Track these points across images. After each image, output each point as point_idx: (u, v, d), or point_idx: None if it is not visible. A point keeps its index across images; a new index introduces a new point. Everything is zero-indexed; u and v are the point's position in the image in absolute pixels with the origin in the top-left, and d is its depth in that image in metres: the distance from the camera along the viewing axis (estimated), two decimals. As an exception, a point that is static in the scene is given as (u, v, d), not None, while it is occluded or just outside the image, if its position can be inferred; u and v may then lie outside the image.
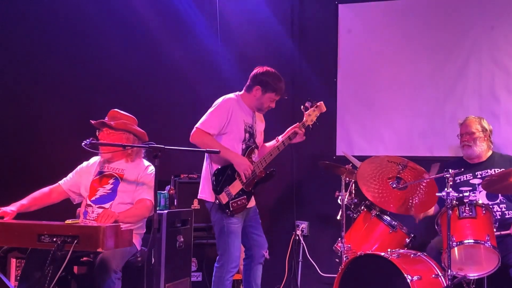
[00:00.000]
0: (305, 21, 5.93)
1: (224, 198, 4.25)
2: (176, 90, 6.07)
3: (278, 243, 5.73)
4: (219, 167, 4.31)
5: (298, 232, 5.71)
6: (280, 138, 4.56)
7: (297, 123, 4.53)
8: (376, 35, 5.70)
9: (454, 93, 5.43)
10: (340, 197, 4.76)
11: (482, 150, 4.84)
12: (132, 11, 6.16)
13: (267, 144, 4.63)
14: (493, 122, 4.96)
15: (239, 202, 4.31)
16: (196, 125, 4.30)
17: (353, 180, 4.87)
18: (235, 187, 4.31)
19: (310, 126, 4.53)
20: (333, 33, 5.79)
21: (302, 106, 4.54)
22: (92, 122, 4.25)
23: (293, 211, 5.81)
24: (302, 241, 5.71)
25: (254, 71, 4.49)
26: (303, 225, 5.75)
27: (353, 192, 4.91)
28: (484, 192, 4.69)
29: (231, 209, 4.26)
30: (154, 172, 4.08)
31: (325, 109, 4.59)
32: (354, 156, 5.21)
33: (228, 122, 4.32)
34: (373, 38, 5.71)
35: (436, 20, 5.48)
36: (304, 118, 4.51)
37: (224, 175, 4.29)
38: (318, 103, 4.55)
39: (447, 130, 5.24)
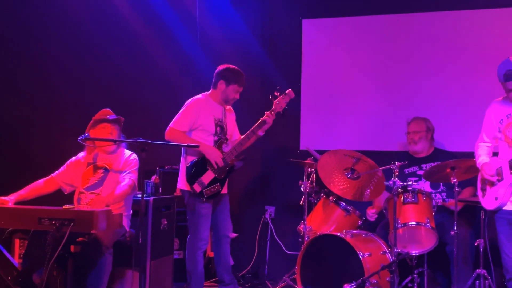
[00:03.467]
0: (273, 33, 5.92)
1: (197, 187, 4.28)
2: (161, 92, 6.01)
3: (249, 226, 5.76)
4: (193, 159, 4.33)
5: (267, 216, 5.72)
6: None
7: (267, 112, 4.45)
8: (336, 46, 5.72)
9: (402, 96, 5.49)
10: (303, 186, 4.79)
11: (425, 147, 4.93)
12: (122, 20, 6.03)
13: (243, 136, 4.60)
14: (434, 122, 5.02)
15: (212, 189, 4.32)
16: (169, 125, 4.34)
17: (314, 171, 4.91)
18: (208, 176, 4.32)
19: (281, 112, 4.46)
20: (297, 44, 5.79)
21: (270, 96, 4.47)
22: (110, 117, 4.27)
23: (262, 197, 5.85)
24: (270, 224, 5.71)
25: (217, 69, 4.51)
26: (271, 209, 5.76)
27: (314, 181, 4.95)
28: (428, 182, 4.79)
29: (205, 196, 4.29)
30: (136, 159, 4.22)
31: (293, 95, 4.50)
32: (315, 150, 5.22)
33: (197, 119, 4.33)
34: (333, 49, 5.73)
35: (390, 34, 5.54)
36: (273, 107, 4.44)
37: (196, 167, 4.32)
38: (287, 91, 4.46)
39: (396, 128, 5.27)
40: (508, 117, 3.71)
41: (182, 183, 4.39)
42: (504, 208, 3.71)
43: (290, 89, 4.48)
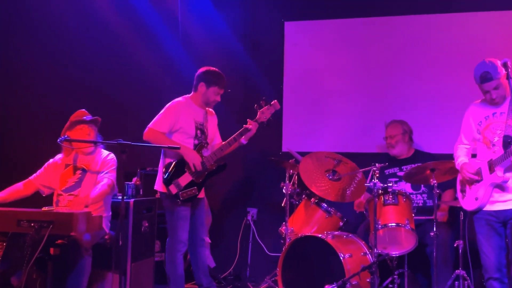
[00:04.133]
0: (256, 35, 5.94)
1: (173, 189, 4.24)
2: (143, 93, 5.99)
3: (231, 227, 5.77)
4: (171, 161, 4.31)
5: (249, 218, 5.73)
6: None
7: (250, 120, 4.43)
8: (318, 48, 5.75)
9: (383, 99, 5.54)
10: (284, 187, 4.80)
11: (403, 149, 4.96)
12: (103, 21, 6.03)
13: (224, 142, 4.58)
14: (411, 124, 5.07)
15: (189, 192, 4.28)
16: (149, 125, 4.29)
17: (296, 173, 4.91)
18: (185, 179, 4.28)
19: (265, 122, 4.45)
20: (280, 46, 5.81)
21: (256, 105, 4.46)
22: (87, 118, 4.25)
23: (244, 199, 5.85)
24: (252, 225, 5.72)
25: (198, 72, 4.49)
26: (253, 211, 5.77)
27: (296, 183, 4.96)
28: (409, 184, 4.83)
29: (181, 198, 4.25)
30: (114, 158, 4.24)
31: (279, 107, 4.51)
32: (297, 152, 5.24)
33: (177, 121, 4.30)
34: (315, 51, 5.76)
35: (371, 37, 5.58)
36: (257, 116, 4.43)
37: (174, 168, 4.28)
38: (272, 102, 4.46)
39: (377, 130, 5.30)
40: (486, 119, 3.75)
41: (159, 185, 4.36)
42: (483, 209, 3.74)
43: (275, 101, 4.47)
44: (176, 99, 4.44)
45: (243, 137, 4.39)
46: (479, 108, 3.83)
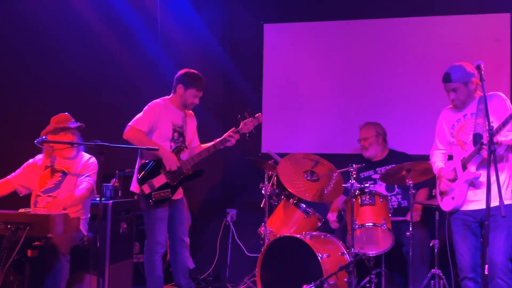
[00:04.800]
0: (235, 37, 5.97)
1: (146, 189, 4.22)
2: (124, 94, 5.98)
3: (210, 228, 5.79)
4: (147, 161, 4.29)
5: (228, 219, 5.76)
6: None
7: (233, 128, 4.41)
8: (297, 51, 5.81)
9: (361, 100, 5.61)
10: (263, 188, 4.84)
11: (377, 151, 5.02)
12: (83, 21, 6.02)
13: (203, 145, 4.56)
14: (389, 126, 5.14)
15: (162, 194, 4.24)
16: (129, 124, 4.28)
17: (275, 174, 4.95)
18: (159, 180, 4.25)
19: (247, 134, 4.43)
20: (259, 48, 5.86)
21: (239, 116, 4.44)
22: (71, 125, 4.23)
23: (224, 200, 5.87)
24: (232, 226, 5.75)
25: (177, 74, 4.48)
26: (233, 212, 5.79)
27: (275, 184, 5.00)
28: (384, 185, 4.88)
29: (153, 199, 4.22)
30: (95, 162, 4.22)
31: (262, 120, 4.50)
32: (276, 153, 5.28)
33: (156, 123, 4.30)
34: (294, 53, 5.82)
35: (349, 40, 5.66)
36: (240, 126, 4.40)
37: (149, 168, 4.27)
38: (256, 115, 4.43)
39: (355, 132, 5.31)
40: (458, 122, 3.81)
41: (134, 185, 4.35)
42: (460, 209, 3.79)
43: (260, 114, 4.44)
44: (155, 101, 4.43)
45: (222, 145, 4.40)
46: (450, 112, 3.90)
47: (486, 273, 3.21)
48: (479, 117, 3.64)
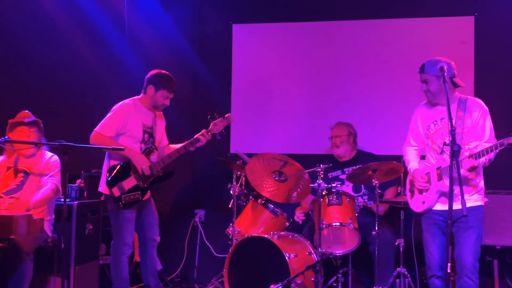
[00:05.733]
0: (204, 37, 5.97)
1: (116, 191, 4.19)
2: (91, 92, 5.93)
3: (178, 229, 5.78)
4: (116, 163, 4.26)
5: (197, 219, 5.75)
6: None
7: (203, 130, 4.41)
8: (266, 51, 5.84)
9: (329, 101, 5.67)
10: (232, 189, 4.84)
11: (347, 150, 5.08)
12: (50, 19, 5.95)
13: (172, 146, 4.55)
14: (356, 126, 5.21)
15: (132, 197, 4.22)
16: (95, 129, 4.22)
17: (243, 174, 4.97)
18: (129, 182, 4.23)
19: (217, 134, 4.45)
20: (228, 48, 5.87)
21: (209, 116, 4.44)
22: (27, 120, 4.17)
23: (192, 201, 5.87)
24: (200, 227, 5.74)
25: (148, 74, 4.45)
26: (201, 213, 5.79)
27: (243, 184, 5.02)
28: (351, 186, 4.95)
29: (123, 202, 4.19)
30: (57, 160, 4.18)
31: (232, 120, 4.52)
32: (245, 153, 5.28)
33: (126, 124, 4.25)
34: (263, 53, 5.85)
35: (318, 41, 5.71)
36: (210, 127, 4.40)
37: (118, 171, 4.24)
38: (226, 115, 4.45)
39: (323, 132, 5.40)
40: (435, 124, 3.84)
41: (102, 186, 4.31)
42: (432, 209, 3.83)
43: (229, 114, 4.46)
44: (125, 101, 4.38)
45: (192, 146, 4.39)
46: (427, 111, 3.91)
47: (448, 271, 3.28)
48: (458, 126, 3.67)
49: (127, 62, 5.89)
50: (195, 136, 4.39)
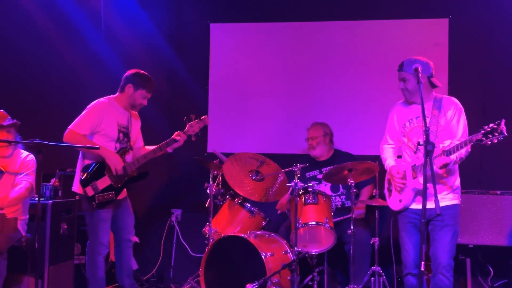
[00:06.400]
0: (181, 36, 5.95)
1: (90, 191, 4.16)
2: (67, 90, 5.87)
3: (154, 229, 5.76)
4: (90, 162, 4.23)
5: (173, 219, 5.74)
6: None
7: (178, 131, 4.39)
8: (244, 51, 5.85)
9: (306, 101, 5.71)
10: (208, 188, 4.84)
11: (324, 151, 5.14)
12: (26, 16, 5.90)
13: (147, 147, 4.52)
14: (333, 126, 5.27)
15: (105, 196, 4.20)
16: (69, 127, 4.19)
17: (220, 173, 4.98)
18: (103, 182, 4.20)
19: (192, 136, 4.43)
20: (205, 47, 5.86)
21: (185, 118, 4.43)
22: (5, 123, 4.12)
23: (169, 200, 5.85)
24: (176, 227, 5.74)
25: (126, 73, 4.43)
26: (177, 212, 5.77)
27: (220, 183, 5.04)
28: (329, 185, 5.00)
29: (97, 201, 4.17)
30: (33, 160, 4.13)
31: (208, 122, 4.50)
32: (222, 153, 5.30)
33: (100, 123, 4.22)
34: (241, 53, 5.86)
35: (295, 41, 5.74)
36: (186, 128, 4.39)
37: (92, 170, 4.21)
38: (202, 117, 4.42)
39: (300, 132, 5.45)
40: (410, 122, 3.89)
41: (76, 186, 4.28)
42: (409, 207, 3.88)
43: (206, 116, 4.44)
44: (100, 100, 4.35)
45: (169, 147, 4.37)
46: (403, 109, 3.96)
47: (422, 269, 3.34)
48: (433, 124, 3.73)
49: (105, 60, 5.86)
50: (171, 137, 4.37)
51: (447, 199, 3.76)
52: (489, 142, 3.41)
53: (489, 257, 4.98)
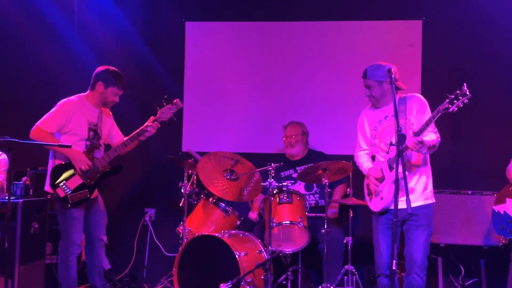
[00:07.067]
0: (157, 33, 5.93)
1: (61, 192, 4.12)
2: (40, 87, 5.79)
3: (128, 228, 5.73)
4: (61, 162, 4.19)
5: (147, 218, 5.71)
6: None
7: (151, 117, 4.30)
8: (220, 50, 5.85)
9: (281, 101, 5.74)
10: (183, 187, 4.84)
11: (300, 149, 5.18)
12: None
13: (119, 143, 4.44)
14: (307, 126, 5.30)
15: (79, 195, 4.15)
16: (36, 123, 4.14)
17: (195, 173, 4.97)
18: (74, 181, 4.15)
19: (166, 122, 4.34)
20: (181, 45, 5.85)
21: (155, 104, 4.36)
22: None
23: (142, 199, 5.82)
24: (150, 226, 5.71)
25: (96, 70, 4.37)
26: (151, 212, 5.74)
27: (194, 183, 5.03)
28: (303, 184, 5.04)
29: (70, 201, 4.13)
30: (6, 159, 4.12)
31: (181, 105, 4.40)
32: (197, 152, 5.29)
33: (69, 122, 4.18)
34: (216, 52, 5.86)
35: (270, 40, 5.77)
36: (157, 115, 4.30)
37: (62, 171, 4.16)
38: (174, 100, 4.33)
39: (275, 131, 5.48)
40: (380, 123, 3.94)
41: (47, 186, 4.23)
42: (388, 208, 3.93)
43: (178, 99, 4.36)
44: (70, 98, 4.30)
45: (141, 136, 4.33)
46: (371, 112, 4.01)
47: (394, 268, 3.39)
48: (401, 118, 3.77)
49: (79, 56, 5.79)
50: (142, 127, 4.32)
51: (421, 199, 3.80)
52: (456, 108, 3.44)
53: (460, 256, 5.07)
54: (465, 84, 3.46)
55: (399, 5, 5.59)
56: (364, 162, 4.04)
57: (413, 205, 3.51)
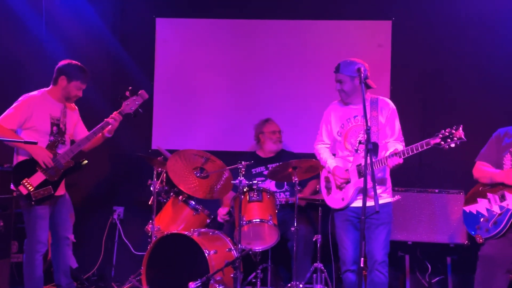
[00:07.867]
0: (126, 29, 5.89)
1: (23, 189, 4.08)
2: (7, 80, 5.67)
3: (95, 227, 5.69)
4: (23, 159, 4.14)
5: (115, 216, 5.67)
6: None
7: (115, 111, 4.30)
8: (190, 47, 5.84)
9: (252, 99, 5.76)
10: (152, 185, 4.83)
11: (279, 147, 5.25)
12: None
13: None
14: (279, 124, 5.35)
15: (42, 192, 4.11)
16: None
17: (164, 170, 4.96)
18: (37, 178, 4.11)
19: (132, 114, 4.30)
20: (151, 42, 5.83)
21: (120, 96, 4.33)
22: None
23: (111, 197, 5.78)
24: (118, 224, 5.67)
25: (58, 64, 4.33)
26: (120, 210, 5.71)
27: (164, 181, 5.01)
28: (274, 182, 5.07)
29: (33, 199, 4.08)
30: None
31: (147, 97, 4.37)
32: (168, 149, 5.25)
33: (30, 118, 4.14)
34: (187, 49, 5.85)
35: (240, 38, 5.79)
36: (122, 107, 4.29)
37: (23, 168, 4.12)
38: (139, 92, 4.31)
39: (246, 129, 5.50)
40: (348, 121, 3.97)
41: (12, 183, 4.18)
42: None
43: (143, 90, 4.35)
44: (30, 94, 4.26)
45: (105, 130, 4.30)
46: (341, 109, 4.04)
47: (361, 265, 3.44)
48: (373, 125, 3.83)
49: (47, 50, 5.69)
50: (105, 120, 4.28)
51: (382, 197, 3.85)
52: (447, 146, 3.50)
53: (427, 254, 5.17)
54: (461, 127, 3.52)
55: (369, 5, 5.66)
56: (327, 158, 4.07)
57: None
